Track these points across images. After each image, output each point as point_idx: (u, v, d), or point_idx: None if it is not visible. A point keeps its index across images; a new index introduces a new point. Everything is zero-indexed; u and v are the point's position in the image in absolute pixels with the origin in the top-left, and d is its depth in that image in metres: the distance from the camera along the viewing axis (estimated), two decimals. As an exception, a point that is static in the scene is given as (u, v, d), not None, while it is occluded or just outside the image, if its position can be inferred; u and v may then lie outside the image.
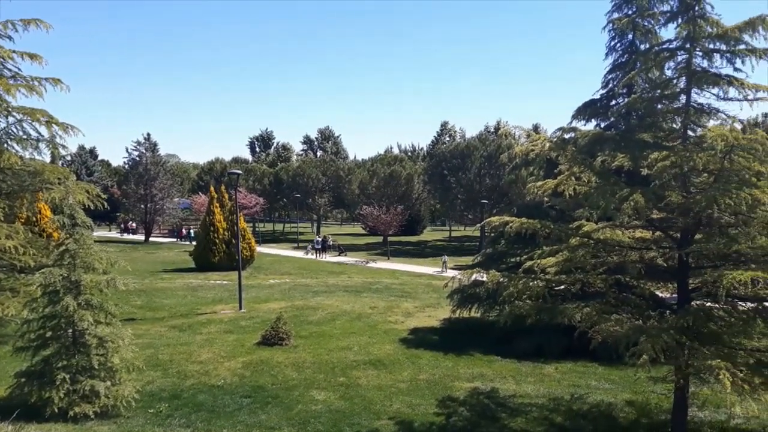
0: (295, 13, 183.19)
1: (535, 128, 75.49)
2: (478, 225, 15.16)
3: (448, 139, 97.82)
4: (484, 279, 13.11)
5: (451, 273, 39.56)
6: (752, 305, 11.78)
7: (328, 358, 17.75)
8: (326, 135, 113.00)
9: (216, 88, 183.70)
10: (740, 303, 11.80)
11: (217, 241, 38.63)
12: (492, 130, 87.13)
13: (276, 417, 13.07)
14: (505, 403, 14.22)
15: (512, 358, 17.94)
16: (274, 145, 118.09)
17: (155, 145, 68.69)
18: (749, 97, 11.06)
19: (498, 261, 20.13)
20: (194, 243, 45.33)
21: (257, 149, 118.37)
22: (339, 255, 51.55)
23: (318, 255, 50.48)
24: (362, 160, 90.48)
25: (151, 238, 64.73)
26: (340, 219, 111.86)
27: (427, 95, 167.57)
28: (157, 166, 63.68)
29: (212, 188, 42.70)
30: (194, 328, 21.54)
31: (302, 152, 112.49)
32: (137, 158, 65.28)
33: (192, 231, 59.78)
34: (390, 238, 54.96)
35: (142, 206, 63.26)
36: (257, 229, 77.05)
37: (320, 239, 53.67)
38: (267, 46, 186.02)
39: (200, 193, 69.70)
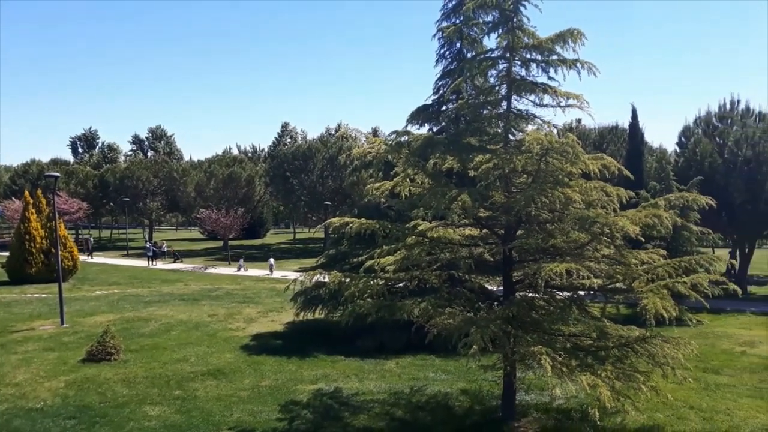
0: (123, 6, 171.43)
1: (375, 131, 77.51)
2: (319, 226, 15.16)
3: (289, 140, 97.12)
4: (327, 280, 13.16)
5: (250, 273, 40.15)
6: (568, 294, 13.02)
7: (162, 371, 16.77)
8: (158, 134, 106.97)
9: (33, 84, 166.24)
10: (558, 293, 12.97)
11: (33, 250, 35.10)
12: (333, 132, 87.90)
13: (105, 439, 12.08)
14: (349, 402, 14.38)
15: (356, 357, 18.19)
16: (99, 145, 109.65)
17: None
18: (562, 104, 12.18)
19: (341, 261, 20.28)
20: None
21: (80, 150, 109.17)
22: (174, 261, 49.06)
23: (150, 262, 47.63)
24: (198, 161, 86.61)
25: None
26: (176, 223, 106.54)
27: (267, 95, 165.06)
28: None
29: (27, 193, 38.53)
30: (8, 348, 19.32)
31: (131, 153, 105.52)
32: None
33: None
34: (231, 242, 53.35)
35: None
36: (81, 236, 71.02)
37: (152, 245, 50.68)
38: (92, 39, 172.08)
39: (14, 198, 62.59)
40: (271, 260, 43.45)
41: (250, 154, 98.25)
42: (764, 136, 30.29)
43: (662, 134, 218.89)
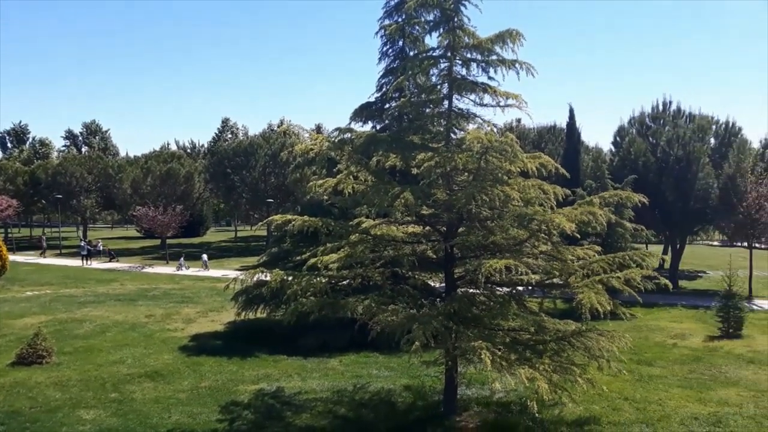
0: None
1: (318, 128, 76.98)
2: (260, 224, 14.90)
3: (230, 136, 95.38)
4: (269, 279, 13.00)
5: (190, 272, 39.60)
6: (507, 290, 13.29)
7: (97, 373, 16.22)
8: (93, 129, 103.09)
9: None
10: (498, 288, 13.23)
11: (-43, 250, 33.24)
12: (276, 128, 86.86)
13: (35, 446, 11.58)
14: (291, 401, 14.26)
15: (299, 356, 18.05)
16: (30, 140, 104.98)
17: None
18: (501, 103, 12.42)
19: (284, 260, 20.07)
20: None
21: (9, 145, 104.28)
22: (110, 261, 47.46)
23: (85, 261, 45.91)
24: (135, 156, 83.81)
25: None
26: (111, 221, 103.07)
27: (207, 90, 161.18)
28: None
29: (-51, 190, 36.54)
30: (-72, 354, 18.26)
31: (64, 148, 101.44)
32: None
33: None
34: (170, 241, 52.01)
35: None
36: (10, 235, 67.78)
37: (86, 244, 48.85)
38: (22, 30, 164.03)
39: (-65, 195, 59.16)
40: (204, 256, 42.58)
41: (189, 150, 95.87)
42: (694, 136, 31.68)
43: (599, 134, 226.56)
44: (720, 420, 12.70)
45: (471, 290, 12.87)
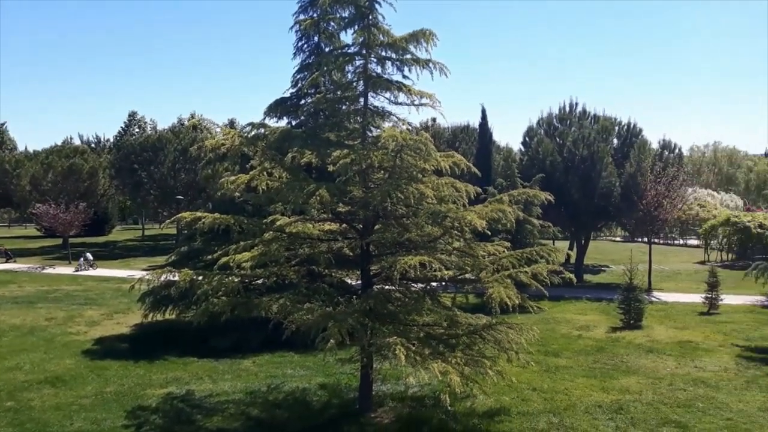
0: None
1: (232, 123, 75.07)
2: (168, 221, 14.36)
3: (137, 130, 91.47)
4: (178, 279, 12.56)
5: (97, 272, 37.98)
6: (422, 286, 13.48)
7: (-10, 382, 15.15)
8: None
9: None
10: (413, 284, 13.39)
11: None
12: (186, 122, 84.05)
13: None
14: (202, 404, 13.85)
15: (210, 358, 17.57)
16: None
17: None
18: (416, 102, 12.56)
19: (195, 259, 19.46)
20: None
21: None
22: (7, 261, 44.47)
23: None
24: (35, 151, 78.81)
25: None
26: (8, 220, 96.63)
27: (114, 83, 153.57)
28: None
29: None
30: None
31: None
32: None
33: None
34: (72, 240, 49.32)
35: None
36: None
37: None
38: None
39: None
40: (88, 254, 40.63)
41: (93, 145, 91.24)
42: (598, 137, 33.27)
43: (510, 134, 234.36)
44: (621, 407, 13.41)
45: (387, 287, 12.96)
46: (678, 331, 21.17)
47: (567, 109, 36.34)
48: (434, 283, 13.67)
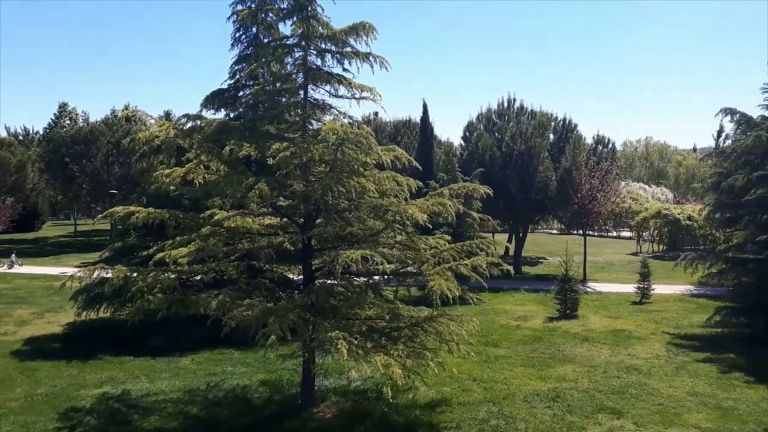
0: None
1: (167, 115, 72.93)
2: (100, 216, 13.94)
3: (68, 122, 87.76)
4: (111, 276, 12.13)
5: (24, 270, 36.38)
6: (364, 279, 13.47)
7: None
8: None
9: None
10: (355, 278, 13.35)
11: None
12: (119, 114, 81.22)
13: None
14: (138, 404, 13.45)
15: (147, 356, 17.09)
16: None
17: None
18: (356, 96, 12.50)
19: (129, 255, 18.86)
20: None
21: None
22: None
23: None
24: (-44, 144, 74.76)
25: None
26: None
27: (43, 73, 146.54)
28: None
29: None
30: None
31: None
32: None
33: None
34: (0, 236, 47.10)
35: None
36: None
37: None
38: None
39: None
40: (13, 255, 38.85)
41: (21, 137, 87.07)
42: (535, 132, 33.97)
43: (451, 128, 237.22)
44: (558, 395, 13.79)
45: (329, 281, 12.87)
46: (612, 320, 21.91)
47: (506, 104, 36.95)
48: (376, 277, 13.67)
